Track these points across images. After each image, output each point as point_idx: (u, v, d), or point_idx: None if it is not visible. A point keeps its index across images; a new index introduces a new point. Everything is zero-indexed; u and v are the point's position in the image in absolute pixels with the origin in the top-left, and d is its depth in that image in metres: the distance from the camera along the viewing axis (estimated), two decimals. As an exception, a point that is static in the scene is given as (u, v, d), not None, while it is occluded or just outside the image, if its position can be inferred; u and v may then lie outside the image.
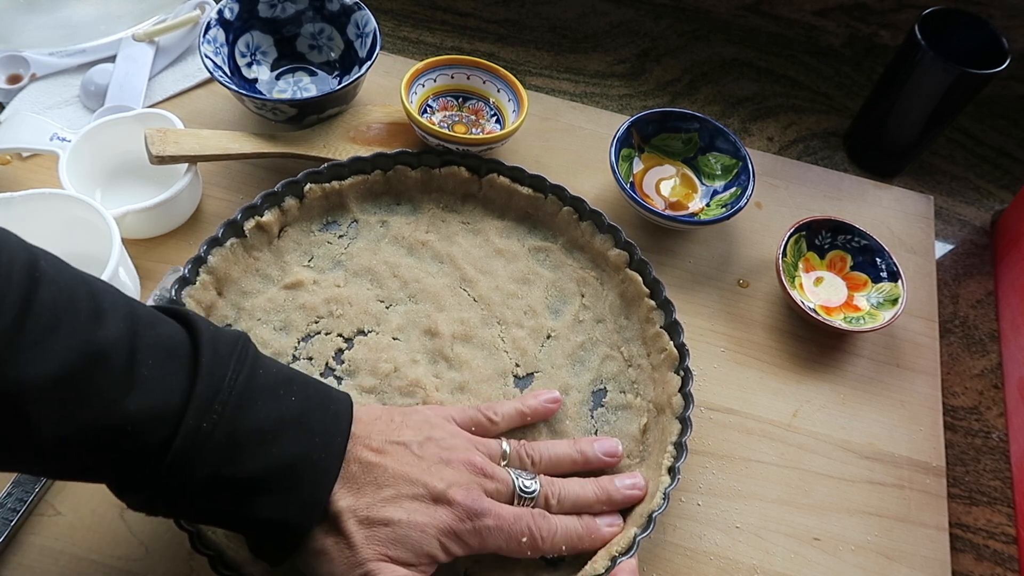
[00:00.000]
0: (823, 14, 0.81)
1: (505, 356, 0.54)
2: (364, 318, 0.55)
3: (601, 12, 0.84)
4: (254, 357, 0.39)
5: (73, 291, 0.34)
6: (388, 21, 0.79)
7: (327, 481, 0.39)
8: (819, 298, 0.62)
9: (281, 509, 0.38)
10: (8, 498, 0.47)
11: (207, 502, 0.37)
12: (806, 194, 0.70)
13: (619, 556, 0.45)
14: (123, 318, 0.35)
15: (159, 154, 0.56)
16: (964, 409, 0.61)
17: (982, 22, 0.65)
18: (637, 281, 0.56)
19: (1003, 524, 0.56)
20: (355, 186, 0.59)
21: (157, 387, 0.35)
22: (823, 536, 0.52)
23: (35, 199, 0.52)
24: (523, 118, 0.63)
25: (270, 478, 0.37)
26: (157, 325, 0.37)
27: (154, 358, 0.35)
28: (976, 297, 0.68)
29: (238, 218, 0.54)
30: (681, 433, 0.50)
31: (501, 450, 0.46)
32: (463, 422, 0.47)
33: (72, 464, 0.35)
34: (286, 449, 0.38)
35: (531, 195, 0.60)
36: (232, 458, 0.36)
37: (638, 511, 0.48)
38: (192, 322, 0.38)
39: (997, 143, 0.79)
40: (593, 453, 0.49)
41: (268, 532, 0.39)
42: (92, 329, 0.34)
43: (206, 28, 0.63)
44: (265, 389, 0.38)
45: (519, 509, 0.43)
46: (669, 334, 0.54)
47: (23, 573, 0.46)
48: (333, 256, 0.57)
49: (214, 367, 0.37)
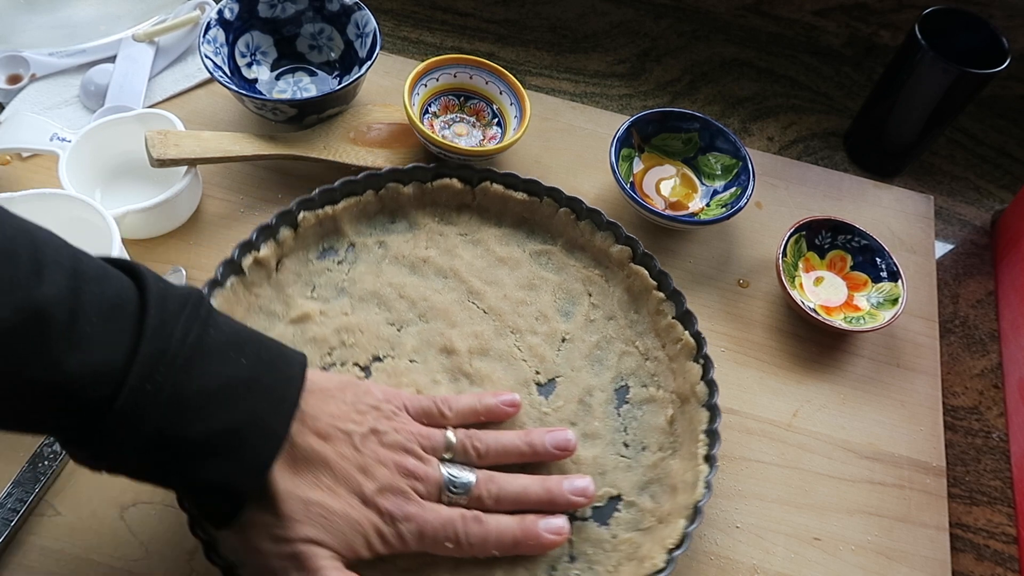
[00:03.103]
0: (823, 14, 0.81)
1: (524, 365, 0.54)
2: (378, 344, 0.54)
3: (601, 12, 0.84)
4: (206, 315, 0.38)
5: (13, 244, 0.33)
6: (388, 21, 0.79)
7: (272, 447, 0.39)
8: (819, 298, 0.62)
9: (224, 472, 0.37)
10: (8, 498, 0.47)
11: (149, 462, 0.37)
12: (806, 194, 0.70)
13: (674, 550, 0.45)
14: (66, 274, 0.34)
15: (160, 157, 0.56)
16: (964, 409, 0.61)
17: (982, 22, 0.65)
18: (643, 275, 0.56)
19: (1003, 524, 0.56)
20: (348, 209, 0.57)
21: (100, 346, 0.34)
22: (823, 536, 0.52)
23: (35, 199, 0.52)
24: (524, 128, 0.63)
25: (214, 441, 0.37)
26: (103, 280, 0.36)
27: (97, 316, 0.34)
28: (976, 297, 0.68)
29: (235, 256, 0.52)
30: (711, 421, 0.50)
31: (445, 441, 0.46)
32: (415, 411, 0.47)
33: (15, 418, 0.35)
34: (232, 414, 0.37)
35: (526, 200, 0.59)
36: (176, 420, 0.35)
37: (682, 502, 0.48)
38: (141, 276, 0.37)
39: (997, 143, 0.79)
40: (542, 445, 0.47)
41: (210, 494, 0.39)
42: (32, 285, 0.32)
43: (206, 28, 0.63)
44: (214, 350, 0.37)
45: (448, 513, 0.43)
46: (683, 324, 0.54)
47: (23, 573, 0.45)
48: (335, 284, 0.56)
49: (161, 326, 0.35)
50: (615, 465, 0.51)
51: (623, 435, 0.52)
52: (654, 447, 0.52)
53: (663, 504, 0.49)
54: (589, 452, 0.51)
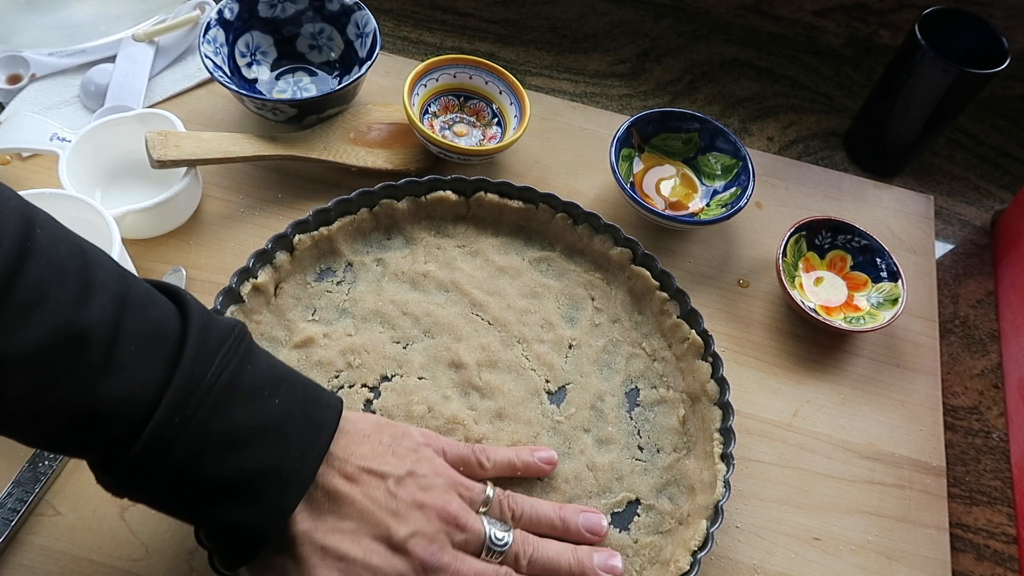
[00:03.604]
0: (823, 14, 0.81)
1: (534, 374, 0.54)
2: (385, 363, 0.53)
3: (601, 12, 0.84)
4: (245, 351, 0.38)
5: (64, 264, 0.33)
6: (388, 21, 0.79)
7: (293, 496, 0.38)
8: (819, 298, 0.62)
9: (243, 516, 0.37)
10: (8, 498, 0.47)
11: (171, 496, 0.36)
12: (806, 194, 0.70)
13: (698, 551, 0.46)
14: (113, 298, 0.34)
15: (160, 158, 0.56)
16: (964, 409, 0.61)
17: (982, 22, 0.65)
18: (645, 276, 0.56)
19: (1003, 524, 0.56)
20: (343, 228, 0.57)
21: (134, 374, 0.34)
22: (823, 536, 0.52)
23: (35, 199, 0.51)
24: (524, 128, 0.63)
25: (236, 483, 0.36)
26: (148, 307, 0.36)
27: (137, 343, 0.34)
28: (976, 297, 0.68)
29: (233, 285, 0.51)
30: (724, 419, 0.51)
31: (484, 496, 0.44)
32: (453, 459, 0.46)
33: (45, 437, 0.35)
34: (257, 457, 0.36)
35: (521, 207, 0.59)
36: (200, 458, 0.35)
37: (702, 502, 0.48)
38: (187, 306, 0.37)
39: (997, 143, 0.79)
40: (575, 525, 0.46)
41: (227, 535, 0.38)
42: (76, 309, 0.33)
43: (206, 28, 0.63)
44: (248, 388, 0.37)
45: (482, 567, 0.41)
46: (688, 323, 0.54)
47: (23, 573, 0.46)
48: (336, 305, 0.55)
49: (198, 360, 0.35)
50: (631, 469, 0.51)
51: (637, 438, 0.52)
52: (668, 448, 0.52)
53: (682, 506, 0.49)
54: (605, 457, 0.51)
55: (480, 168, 0.66)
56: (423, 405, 0.51)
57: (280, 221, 0.60)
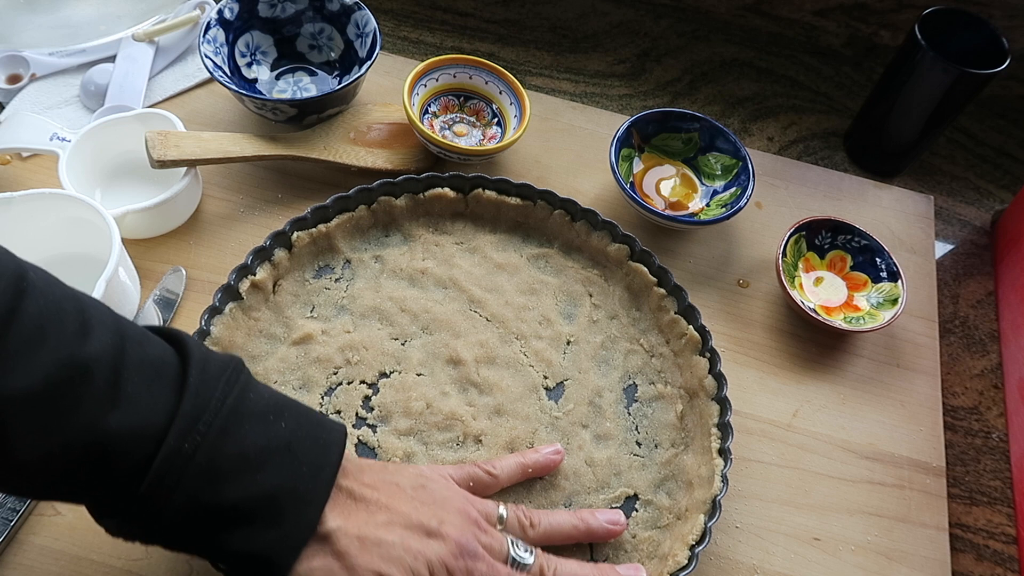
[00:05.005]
0: (823, 14, 0.81)
1: (532, 371, 0.54)
2: (383, 359, 0.53)
3: (601, 12, 0.84)
4: (246, 381, 0.38)
5: (60, 304, 0.34)
6: (388, 21, 0.79)
7: (311, 516, 0.37)
8: (819, 298, 0.62)
9: (260, 542, 0.36)
10: (8, 498, 0.47)
11: (184, 529, 0.36)
12: (806, 194, 0.70)
13: (696, 546, 0.46)
14: (111, 334, 0.34)
15: (160, 158, 0.56)
16: (964, 409, 0.61)
17: (982, 22, 0.65)
18: (642, 272, 0.57)
19: (1003, 524, 0.56)
20: (341, 226, 0.57)
21: (141, 406, 0.34)
22: (823, 536, 0.52)
23: (35, 199, 0.52)
24: (524, 128, 0.63)
25: (251, 508, 0.35)
26: (146, 344, 0.36)
27: (140, 376, 0.34)
28: (976, 297, 0.68)
29: (232, 282, 0.52)
30: (722, 414, 0.51)
31: (497, 513, 0.44)
32: (461, 479, 0.46)
33: (49, 482, 0.34)
34: (270, 478, 0.36)
35: (519, 204, 0.59)
36: (213, 484, 0.35)
37: (699, 497, 0.48)
38: (183, 343, 0.37)
39: (997, 143, 0.79)
40: (596, 523, 0.46)
41: (246, 566, 0.37)
42: (78, 343, 0.33)
43: (206, 28, 0.63)
44: (254, 414, 0.37)
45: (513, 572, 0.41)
46: (686, 319, 0.55)
47: (23, 573, 0.45)
48: (335, 302, 0.55)
49: (201, 388, 0.35)
50: (629, 464, 0.51)
51: (635, 434, 0.53)
52: (666, 444, 0.52)
53: (680, 501, 0.50)
54: (603, 453, 0.51)
55: (480, 168, 0.66)
56: (421, 401, 0.52)
57: (280, 221, 0.60)
